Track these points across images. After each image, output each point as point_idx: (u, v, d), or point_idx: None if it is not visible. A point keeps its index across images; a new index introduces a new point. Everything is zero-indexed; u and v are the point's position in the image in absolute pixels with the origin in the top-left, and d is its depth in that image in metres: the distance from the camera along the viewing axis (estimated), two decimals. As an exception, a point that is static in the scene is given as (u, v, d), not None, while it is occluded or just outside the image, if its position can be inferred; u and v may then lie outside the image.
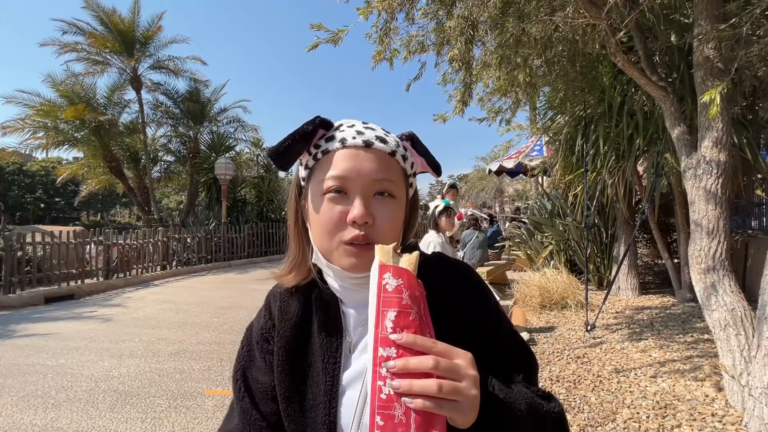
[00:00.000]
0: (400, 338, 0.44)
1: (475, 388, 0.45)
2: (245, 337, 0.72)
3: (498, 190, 26.76)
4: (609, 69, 4.23)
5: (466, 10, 3.25)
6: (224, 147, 14.00)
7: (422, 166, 0.65)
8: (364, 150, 0.57)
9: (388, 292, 0.47)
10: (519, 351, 0.62)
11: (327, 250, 0.59)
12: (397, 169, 0.60)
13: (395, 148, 0.59)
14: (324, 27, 2.99)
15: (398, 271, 0.49)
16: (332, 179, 0.56)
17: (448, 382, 0.43)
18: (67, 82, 11.83)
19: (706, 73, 2.43)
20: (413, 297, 0.48)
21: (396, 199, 0.59)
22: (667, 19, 3.35)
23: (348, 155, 0.57)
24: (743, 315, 2.28)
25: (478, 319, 0.61)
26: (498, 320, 0.62)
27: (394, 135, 0.63)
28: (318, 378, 0.61)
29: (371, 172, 0.56)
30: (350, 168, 0.56)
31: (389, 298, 0.47)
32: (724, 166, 2.43)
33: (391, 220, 0.58)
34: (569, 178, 5.11)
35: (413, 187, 0.66)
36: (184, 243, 10.48)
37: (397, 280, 0.48)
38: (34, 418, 2.80)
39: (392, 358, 0.44)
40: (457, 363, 0.45)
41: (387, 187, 0.58)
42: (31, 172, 39.52)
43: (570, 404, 2.52)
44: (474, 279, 0.65)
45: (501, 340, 0.61)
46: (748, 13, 2.17)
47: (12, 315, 5.93)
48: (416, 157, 0.64)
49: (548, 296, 4.91)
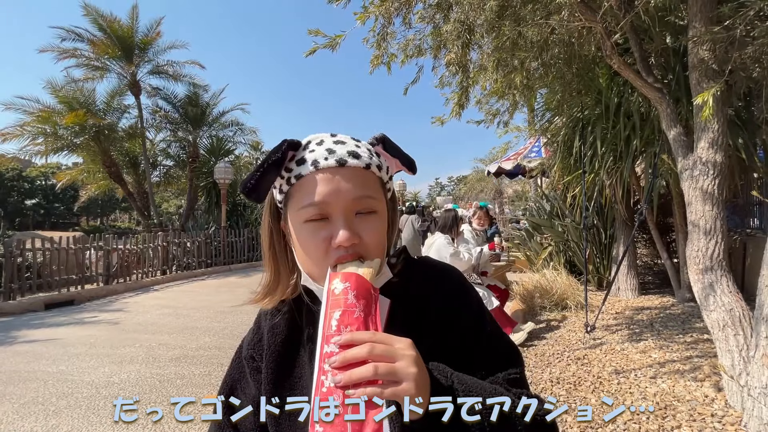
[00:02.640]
0: (339, 339, 0.46)
1: (414, 366, 0.45)
2: (237, 351, 0.73)
3: (497, 191, 26.79)
4: (605, 71, 4.25)
5: (462, 14, 3.27)
6: (223, 151, 14.03)
7: (397, 166, 0.64)
8: (339, 170, 0.56)
9: (336, 295, 0.50)
10: (502, 352, 0.62)
11: (316, 275, 0.59)
12: (374, 180, 0.59)
13: (369, 160, 0.58)
14: (321, 32, 3.01)
15: (346, 276, 0.52)
16: (312, 207, 0.55)
17: (384, 363, 0.44)
18: (67, 88, 11.87)
19: (701, 75, 2.45)
20: (359, 296, 0.50)
21: (377, 213, 0.58)
22: (662, 21, 3.37)
23: (323, 179, 0.55)
24: (741, 315, 2.29)
25: (458, 320, 0.61)
26: (480, 321, 0.62)
27: (365, 142, 0.62)
28: (307, 389, 0.60)
29: (349, 192, 0.55)
30: (327, 192, 0.55)
31: (336, 300, 0.50)
32: (720, 166, 2.44)
33: (376, 235, 0.58)
34: (568, 180, 5.13)
35: (391, 191, 0.65)
36: (184, 247, 10.48)
37: (344, 284, 0.51)
38: (35, 425, 2.80)
39: (335, 354, 0.46)
40: (395, 346, 0.46)
41: (368, 204, 0.57)
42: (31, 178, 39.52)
43: (570, 406, 2.52)
44: (455, 281, 0.66)
45: (483, 341, 0.61)
46: (742, 15, 2.19)
47: (12, 321, 5.92)
48: (390, 159, 0.63)
49: (548, 297, 4.92)
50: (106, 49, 11.84)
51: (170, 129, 14.33)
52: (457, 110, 3.69)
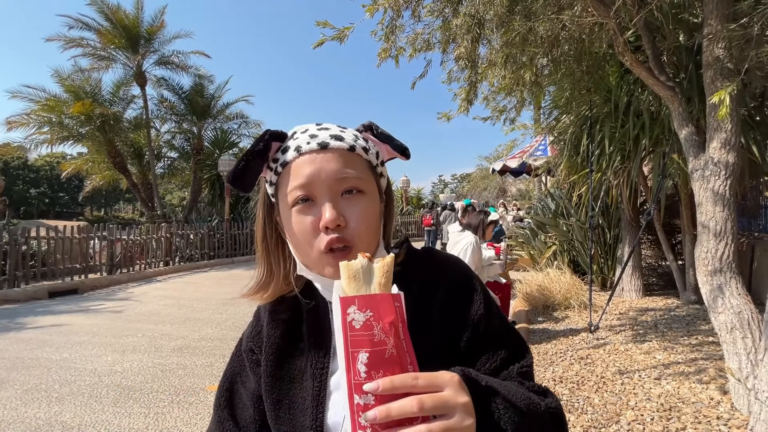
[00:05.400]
0: (376, 388, 0.40)
1: (469, 417, 0.41)
2: (237, 345, 0.72)
3: (501, 189, 26.70)
4: (615, 69, 4.19)
5: (472, 8, 3.23)
6: (228, 143, 14.04)
7: (388, 152, 0.63)
8: (322, 152, 0.55)
9: (356, 330, 0.42)
10: (512, 345, 0.60)
11: (308, 262, 0.58)
12: (360, 162, 0.58)
13: (353, 143, 0.57)
14: (330, 24, 2.98)
15: (366, 301, 0.43)
16: (296, 189, 0.55)
17: (438, 424, 0.40)
18: (73, 77, 11.88)
19: (716, 74, 2.41)
20: (387, 328, 0.42)
21: (366, 194, 0.57)
22: (676, 18, 3.32)
23: (306, 161, 0.55)
24: (750, 318, 2.26)
25: (467, 309, 0.60)
26: (487, 314, 0.60)
27: (352, 129, 0.61)
28: (306, 383, 0.60)
29: (332, 172, 0.54)
30: (310, 174, 0.54)
31: (358, 337, 0.42)
32: (732, 167, 2.40)
33: (365, 217, 0.56)
34: (574, 179, 5.08)
35: (384, 177, 0.64)
36: (187, 239, 10.51)
37: (364, 314, 0.42)
38: (37, 412, 2.82)
39: (370, 406, 0.40)
40: (444, 396, 0.41)
41: (353, 183, 0.56)
42: (36, 167, 39.72)
43: (573, 405, 2.51)
44: (461, 270, 0.64)
45: (491, 333, 0.60)
46: (759, 12, 2.14)
47: (16, 309, 5.97)
48: (380, 145, 0.62)
49: (551, 296, 4.89)
50: (112, 39, 11.83)
51: (175, 120, 14.35)
52: (465, 106, 3.66)
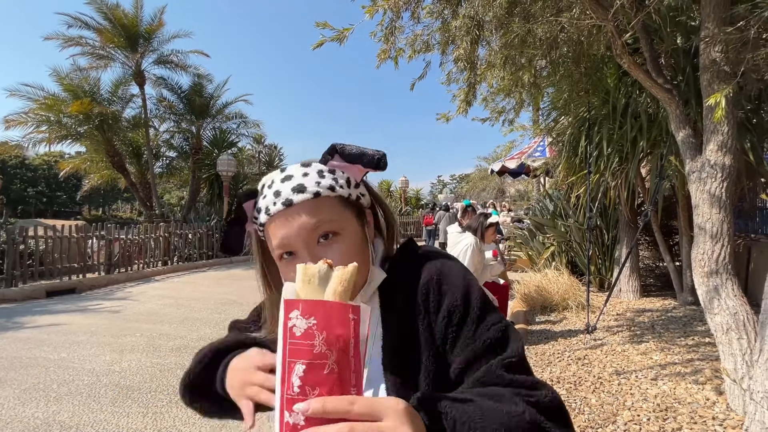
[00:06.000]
0: (306, 410, 0.38)
1: (406, 425, 0.39)
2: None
3: (500, 190, 26.73)
4: (614, 71, 4.21)
5: (471, 10, 3.25)
6: (226, 143, 14.02)
7: (360, 171, 0.63)
8: (288, 210, 0.58)
9: (296, 337, 0.39)
10: (493, 335, 0.58)
11: None
12: (330, 202, 0.59)
13: (317, 188, 0.58)
14: (329, 25, 2.99)
15: (311, 307, 0.40)
16: (276, 249, 0.59)
17: (364, 425, 0.38)
18: (72, 76, 11.85)
19: (713, 76, 2.42)
20: (331, 340, 0.38)
21: (341, 233, 0.59)
22: (674, 21, 3.34)
23: (278, 223, 0.58)
24: (745, 319, 2.28)
25: (443, 301, 0.60)
26: (464, 304, 0.60)
27: (315, 164, 0.61)
28: None
29: (304, 225, 0.57)
30: (285, 234, 0.58)
31: (297, 346, 0.39)
32: (729, 169, 2.42)
33: (343, 257, 0.57)
34: (572, 180, 5.10)
35: (365, 195, 0.65)
36: (186, 239, 10.50)
37: (307, 321, 0.39)
38: (35, 411, 2.82)
39: (299, 427, 0.37)
40: (380, 427, 0.39)
41: (325, 228, 0.58)
42: (34, 166, 39.58)
43: (570, 405, 2.52)
44: (439, 260, 0.65)
45: (472, 323, 0.59)
46: (756, 16, 2.16)
47: (14, 308, 5.95)
48: (350, 168, 0.62)
49: (549, 297, 4.91)
50: (111, 38, 11.79)
51: (174, 120, 14.32)
52: (463, 107, 3.67)
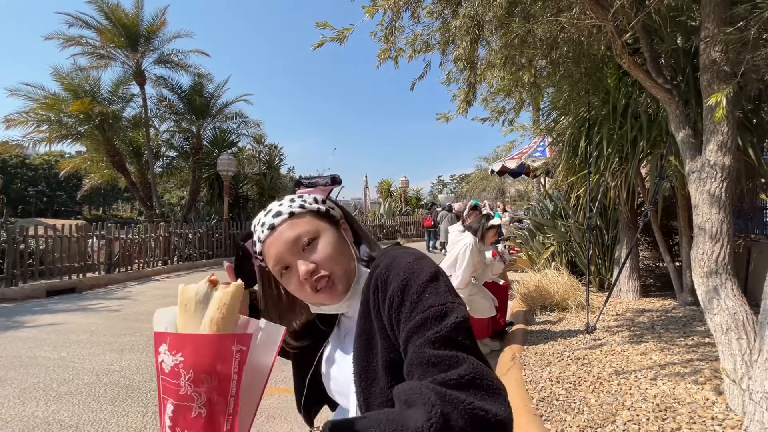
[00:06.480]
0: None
1: None
2: None
3: (500, 190, 26.71)
4: (614, 71, 4.21)
5: (471, 10, 3.25)
6: (227, 143, 14.02)
7: (322, 191, 0.79)
8: (273, 232, 0.71)
9: (165, 374, 0.37)
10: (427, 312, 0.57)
11: (309, 302, 0.76)
12: (305, 218, 0.72)
13: (291, 209, 0.72)
14: (329, 25, 2.99)
15: (178, 341, 0.38)
16: (274, 267, 0.72)
17: None
18: (72, 75, 11.85)
19: (713, 77, 2.42)
20: (199, 380, 0.36)
21: (320, 236, 0.71)
22: (674, 21, 3.34)
23: (269, 246, 0.72)
24: (745, 319, 2.28)
25: (387, 291, 0.63)
26: (404, 287, 0.60)
27: (288, 195, 0.77)
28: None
29: (287, 240, 0.70)
30: (275, 253, 0.71)
31: (167, 383, 0.37)
32: (728, 169, 2.42)
33: (327, 251, 0.70)
34: (572, 180, 5.10)
35: (336, 208, 0.79)
36: (186, 238, 10.50)
37: (174, 357, 0.37)
38: (35, 410, 2.82)
39: None
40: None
41: (306, 236, 0.70)
42: (34, 166, 39.59)
43: (570, 405, 2.52)
44: (388, 258, 0.67)
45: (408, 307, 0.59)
46: (756, 16, 2.16)
47: (14, 307, 5.95)
48: (314, 191, 0.78)
49: (549, 297, 4.91)
50: (111, 38, 11.80)
51: (174, 119, 14.33)
52: (463, 107, 3.67)
